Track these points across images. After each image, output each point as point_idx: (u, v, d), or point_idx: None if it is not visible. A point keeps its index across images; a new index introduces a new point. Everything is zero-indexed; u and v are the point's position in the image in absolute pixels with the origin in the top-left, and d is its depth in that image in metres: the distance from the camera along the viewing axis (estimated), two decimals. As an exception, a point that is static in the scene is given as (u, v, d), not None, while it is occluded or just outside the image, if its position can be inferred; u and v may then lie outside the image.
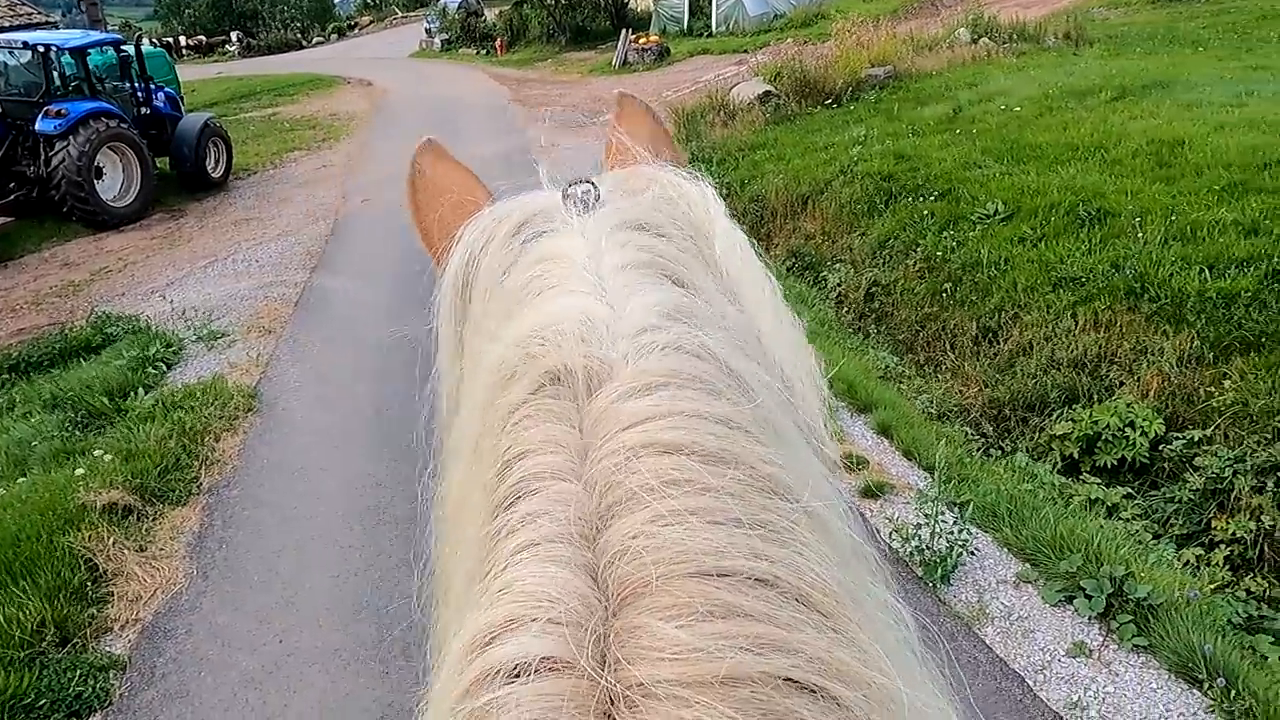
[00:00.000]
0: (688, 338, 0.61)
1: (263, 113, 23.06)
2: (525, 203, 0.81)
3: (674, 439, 0.53)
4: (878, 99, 14.56)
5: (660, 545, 0.48)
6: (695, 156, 12.80)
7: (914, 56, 17.51)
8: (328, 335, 7.38)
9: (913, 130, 11.94)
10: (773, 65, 15.96)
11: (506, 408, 0.61)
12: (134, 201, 12.71)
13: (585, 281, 0.66)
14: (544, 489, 0.54)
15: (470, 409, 0.69)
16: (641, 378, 0.57)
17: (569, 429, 0.57)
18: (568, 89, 24.67)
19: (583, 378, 0.58)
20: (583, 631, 0.47)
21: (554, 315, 0.63)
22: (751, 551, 0.49)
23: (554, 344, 0.61)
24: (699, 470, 0.52)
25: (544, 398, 0.59)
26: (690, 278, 0.70)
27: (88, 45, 12.40)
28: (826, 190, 10.66)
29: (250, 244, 11.00)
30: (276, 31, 43.80)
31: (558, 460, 0.55)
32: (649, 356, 0.59)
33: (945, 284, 7.77)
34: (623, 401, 0.56)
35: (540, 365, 0.60)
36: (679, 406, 0.55)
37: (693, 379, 0.58)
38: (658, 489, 0.50)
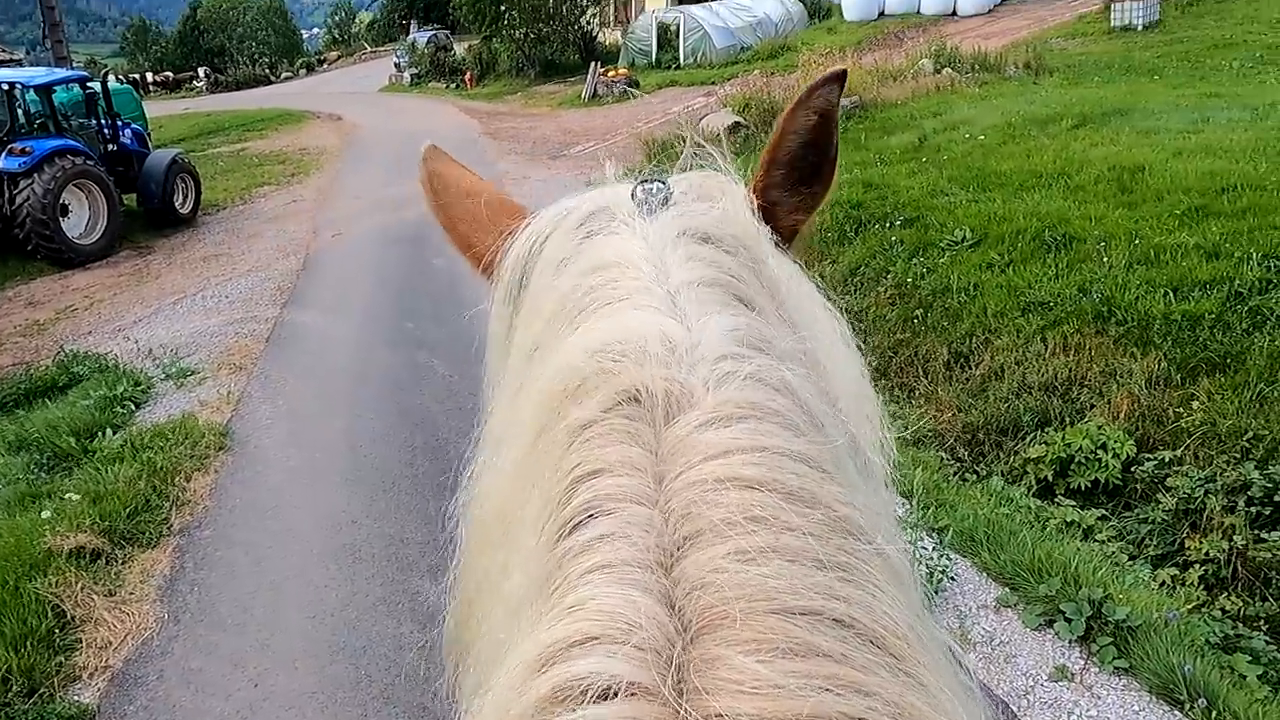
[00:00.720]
0: (768, 370, 0.60)
1: (231, 148, 22.97)
2: (594, 196, 0.81)
3: (757, 475, 0.53)
4: (844, 129, 14.79)
5: (742, 581, 0.48)
6: (667, 187, 12.94)
7: (879, 87, 17.86)
8: (300, 371, 7.30)
9: (880, 159, 12.13)
10: (741, 96, 16.19)
11: (577, 422, 0.60)
12: (100, 239, 12.56)
13: (657, 297, 0.65)
14: (619, 511, 0.53)
15: (528, 411, 0.67)
16: (723, 408, 0.57)
17: (645, 452, 0.56)
18: (538, 122, 24.83)
19: (662, 401, 0.58)
20: (662, 659, 0.47)
21: (630, 330, 0.62)
22: (830, 592, 0.49)
23: (633, 361, 0.60)
24: (781, 508, 0.52)
25: (619, 417, 0.58)
26: (757, 299, 0.70)
27: (53, 83, 12.32)
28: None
29: (220, 280, 10.89)
30: (245, 67, 43.74)
31: (634, 484, 0.54)
32: (729, 386, 0.58)
33: (916, 310, 7.86)
34: (704, 431, 0.55)
35: (617, 383, 0.60)
36: (761, 442, 0.55)
37: (773, 414, 0.57)
38: (740, 524, 0.50)
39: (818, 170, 0.88)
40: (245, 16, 57.58)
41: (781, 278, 0.77)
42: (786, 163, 0.87)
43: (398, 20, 52.46)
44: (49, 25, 26.35)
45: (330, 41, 67.50)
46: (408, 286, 9.53)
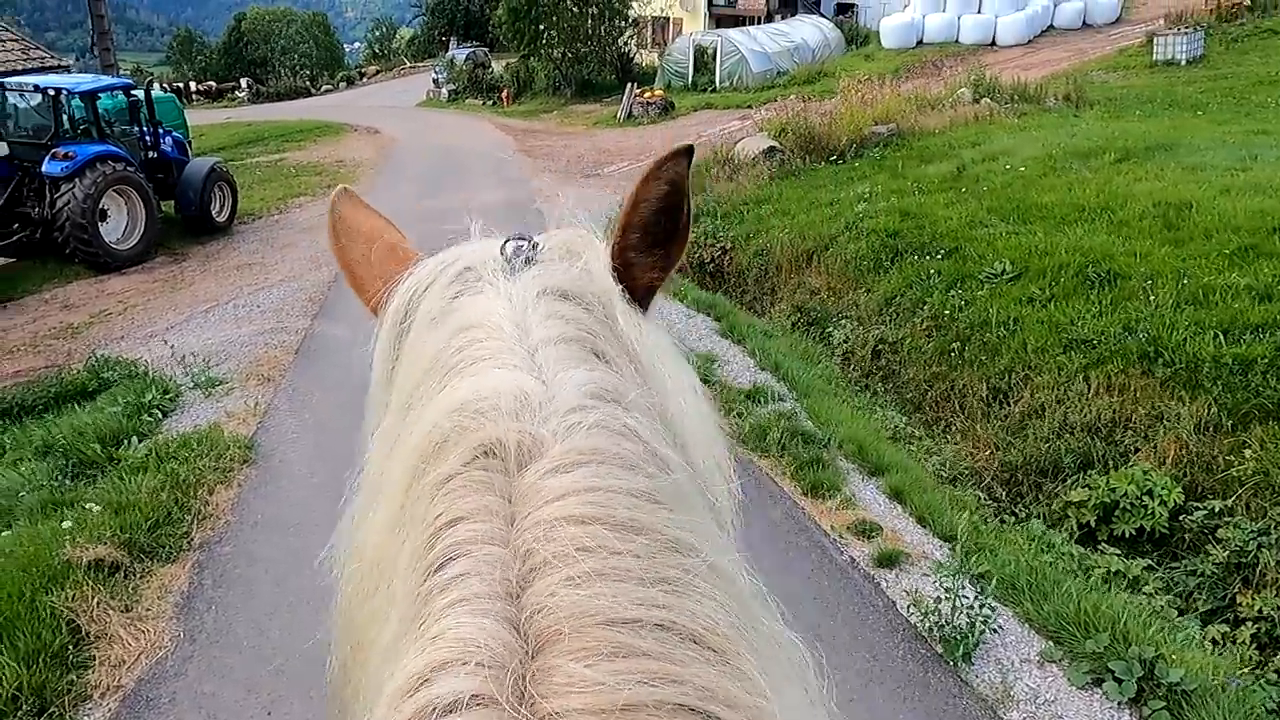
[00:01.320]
0: (612, 419, 0.67)
1: (270, 158, 23.23)
2: (467, 253, 0.85)
3: (588, 512, 0.60)
4: (882, 156, 14.66)
5: (572, 602, 0.55)
6: (700, 211, 12.85)
7: (917, 115, 17.70)
8: (328, 384, 7.24)
9: (918, 188, 11.97)
10: (777, 121, 16.11)
11: (440, 476, 0.65)
12: (137, 244, 12.67)
13: (518, 356, 0.71)
14: (475, 552, 0.59)
15: (398, 467, 0.72)
16: (568, 455, 0.63)
17: (499, 499, 0.62)
18: (573, 140, 24.91)
19: (514, 452, 0.64)
20: (505, 672, 0.53)
21: (488, 389, 0.68)
22: (651, 602, 0.56)
23: (489, 418, 0.66)
24: (608, 537, 0.58)
25: (476, 469, 0.64)
26: (610, 353, 0.75)
27: (98, 89, 12.49)
28: (832, 246, 10.64)
29: (252, 289, 10.92)
30: (285, 79, 44.39)
31: (488, 528, 0.60)
32: (575, 435, 0.64)
33: (953, 343, 7.68)
34: (548, 477, 0.62)
35: (474, 438, 0.65)
36: (596, 483, 0.61)
37: (614, 456, 0.64)
38: (570, 555, 0.57)
39: (671, 234, 0.92)
40: (288, 29, 58.47)
41: (633, 333, 0.81)
42: (641, 227, 0.91)
43: (437, 37, 53.04)
44: (98, 34, 26.90)
45: (371, 56, 68.35)
46: (438, 302, 9.48)
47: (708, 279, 11.73)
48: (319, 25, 64.02)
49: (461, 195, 17.23)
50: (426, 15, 56.15)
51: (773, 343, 7.92)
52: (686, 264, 12.00)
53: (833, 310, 9.59)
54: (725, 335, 8.31)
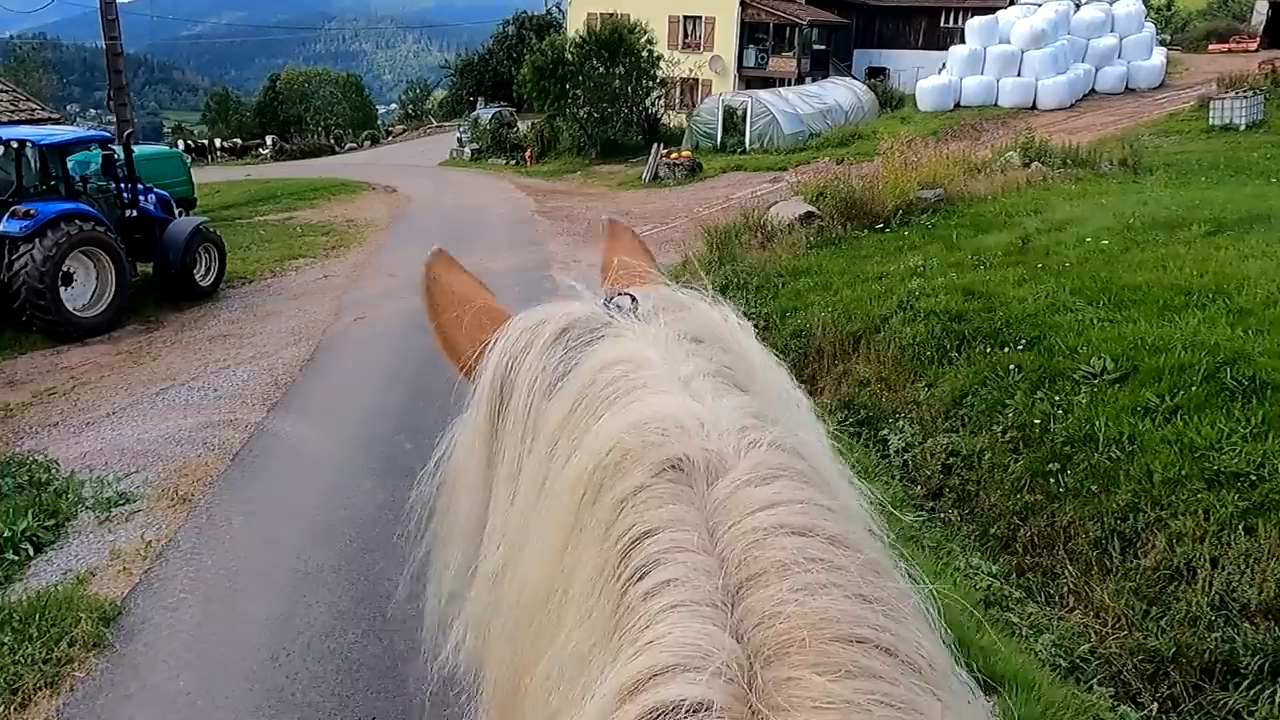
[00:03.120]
0: (784, 437, 0.66)
1: (279, 216, 22.28)
2: (564, 310, 0.82)
3: (803, 523, 0.58)
4: (931, 223, 13.23)
5: (806, 612, 0.53)
6: (729, 282, 11.41)
7: (965, 179, 16.33)
8: (252, 509, 5.77)
9: (979, 261, 10.48)
10: (815, 184, 14.78)
11: (626, 490, 0.63)
12: (105, 311, 11.45)
13: (675, 384, 0.70)
14: (679, 559, 0.57)
15: (561, 494, 0.68)
16: (758, 469, 0.62)
17: (695, 510, 0.60)
18: (595, 202, 23.79)
19: (702, 466, 0.62)
20: (742, 682, 0.52)
21: (662, 410, 0.66)
22: (877, 624, 0.54)
23: (673, 435, 0.64)
24: (829, 550, 0.57)
25: (666, 482, 0.62)
26: (750, 388, 0.74)
27: (67, 142, 11.40)
28: (883, 328, 9.13)
29: (217, 367, 9.60)
30: (311, 137, 44.20)
31: (690, 537, 0.58)
32: (757, 451, 0.63)
33: (1049, 464, 6.09)
34: (745, 489, 0.60)
35: (660, 453, 0.63)
36: (799, 495, 0.60)
37: (799, 473, 0.63)
38: (800, 563, 0.55)
39: None
40: (322, 89, 59.14)
41: (760, 369, 0.80)
42: None
43: (465, 97, 53.03)
44: (114, 89, 26.43)
45: (403, 117, 68.99)
46: (418, 392, 8.05)
47: (737, 362, 10.25)
48: (352, 86, 64.84)
49: (470, 259, 15.88)
50: (456, 76, 56.32)
51: (820, 457, 6.42)
52: (713, 344, 10.54)
53: (887, 408, 8.04)
54: (760, 444, 6.82)
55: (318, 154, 41.04)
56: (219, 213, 23.53)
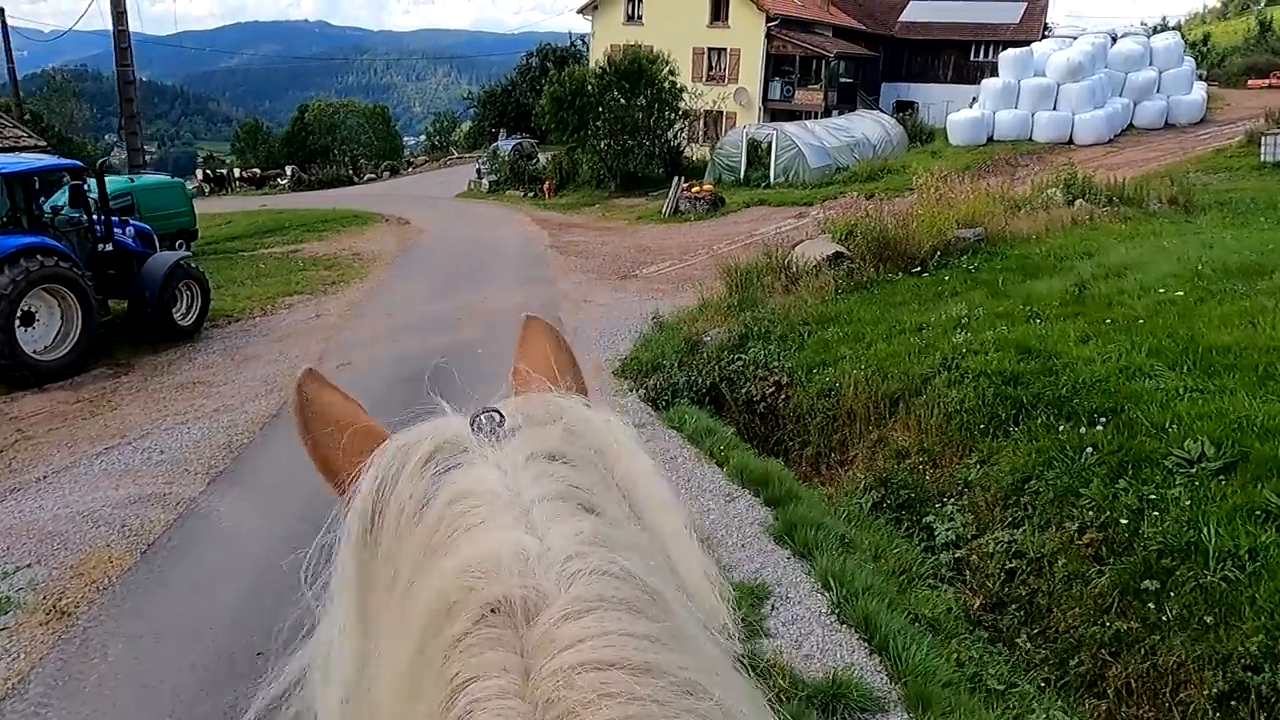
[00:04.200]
0: (608, 563, 0.66)
1: (283, 249, 21.49)
2: (434, 430, 0.80)
3: (605, 656, 0.59)
4: (973, 266, 12.06)
5: None
6: (749, 331, 10.29)
7: (1007, 217, 15.17)
8: (140, 634, 4.65)
9: (1031, 312, 9.30)
10: (843, 221, 13.67)
11: (451, 637, 0.64)
12: (68, 354, 10.54)
13: (511, 515, 0.70)
14: (493, 708, 0.59)
15: (401, 643, 0.69)
16: (574, 604, 0.62)
17: (512, 654, 0.61)
18: (612, 237, 22.82)
19: (520, 607, 0.63)
20: None
21: (488, 550, 0.67)
22: None
23: (492, 577, 0.64)
24: (628, 682, 0.58)
25: (486, 627, 0.63)
26: (601, 505, 0.75)
27: (30, 171, 10.55)
28: (924, 390, 7.96)
29: (175, 421, 8.59)
30: (332, 167, 43.81)
31: (503, 682, 0.60)
32: (578, 583, 0.64)
33: (1144, 579, 4.88)
34: (558, 626, 0.61)
35: (480, 597, 0.64)
36: (608, 627, 0.61)
37: (618, 601, 0.64)
38: (594, 701, 0.57)
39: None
40: (349, 120, 59.26)
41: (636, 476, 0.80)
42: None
43: (487, 129, 52.66)
44: (126, 116, 25.99)
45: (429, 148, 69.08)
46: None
47: (757, 422, 9.10)
48: (378, 116, 64.94)
49: (474, 298, 15.02)
50: (479, 108, 56.05)
51: (854, 565, 5.19)
52: (730, 401, 9.40)
53: (931, 488, 6.85)
54: (783, 541, 5.63)
55: (336, 184, 40.54)
56: (223, 244, 22.83)
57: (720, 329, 10.63)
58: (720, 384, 9.47)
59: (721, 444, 7.44)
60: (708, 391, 9.48)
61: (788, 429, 8.87)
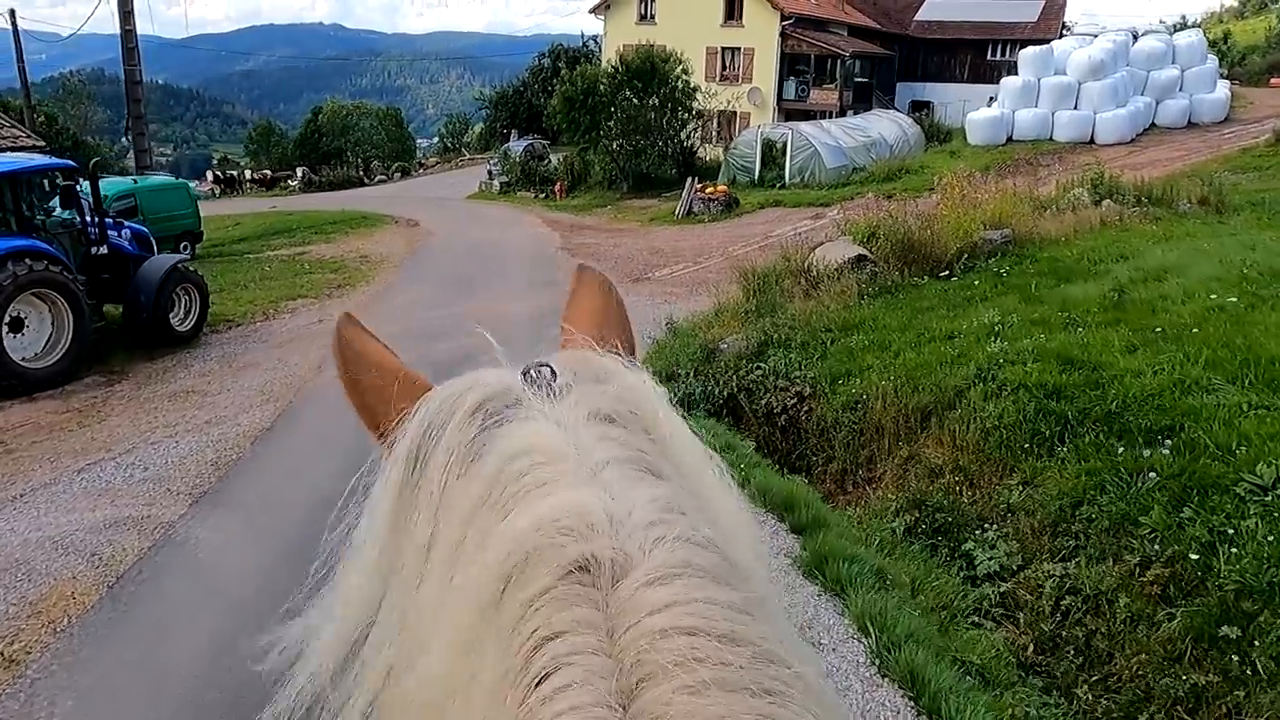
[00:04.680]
0: (691, 532, 0.67)
1: (290, 251, 21.10)
2: (483, 380, 0.79)
3: (693, 623, 0.60)
4: (1002, 270, 11.51)
5: (688, 710, 0.55)
6: (768, 338, 9.77)
7: (1035, 218, 14.60)
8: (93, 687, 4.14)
9: (1069, 319, 8.75)
10: (865, 223, 13.13)
11: (532, 593, 0.63)
12: (60, 360, 10.13)
13: (584, 477, 0.70)
14: (579, 663, 0.59)
15: (468, 594, 0.67)
16: (660, 569, 0.63)
17: (597, 612, 0.61)
18: (624, 238, 22.34)
19: (608, 567, 0.63)
20: None
21: (570, 507, 0.66)
22: (760, 713, 0.56)
23: (579, 534, 0.65)
24: (715, 648, 0.59)
25: (571, 584, 0.63)
26: (665, 472, 0.74)
27: (18, 171, 10.14)
28: (959, 403, 7.43)
29: (163, 434, 8.16)
30: (343, 169, 43.53)
31: (590, 640, 0.60)
32: (662, 548, 0.64)
33: (1220, 624, 4.34)
34: (646, 590, 0.62)
35: (567, 554, 0.64)
36: (694, 594, 0.62)
37: (701, 569, 0.64)
38: (685, 664, 0.57)
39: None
40: (362, 122, 59.14)
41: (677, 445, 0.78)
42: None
43: (499, 129, 52.30)
44: (132, 117, 25.69)
45: (442, 150, 68.90)
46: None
47: (777, 435, 8.58)
48: (392, 118, 64.79)
49: (481, 302, 14.56)
50: (490, 108, 55.70)
51: (893, 606, 4.66)
52: (749, 413, 8.88)
53: (970, 511, 6.33)
54: (813, 575, 5.10)
55: (347, 186, 40.23)
56: (230, 246, 22.49)
57: (738, 336, 10.12)
58: (739, 394, 8.96)
59: (741, 461, 6.92)
60: (725, 402, 8.98)
61: (810, 443, 8.36)
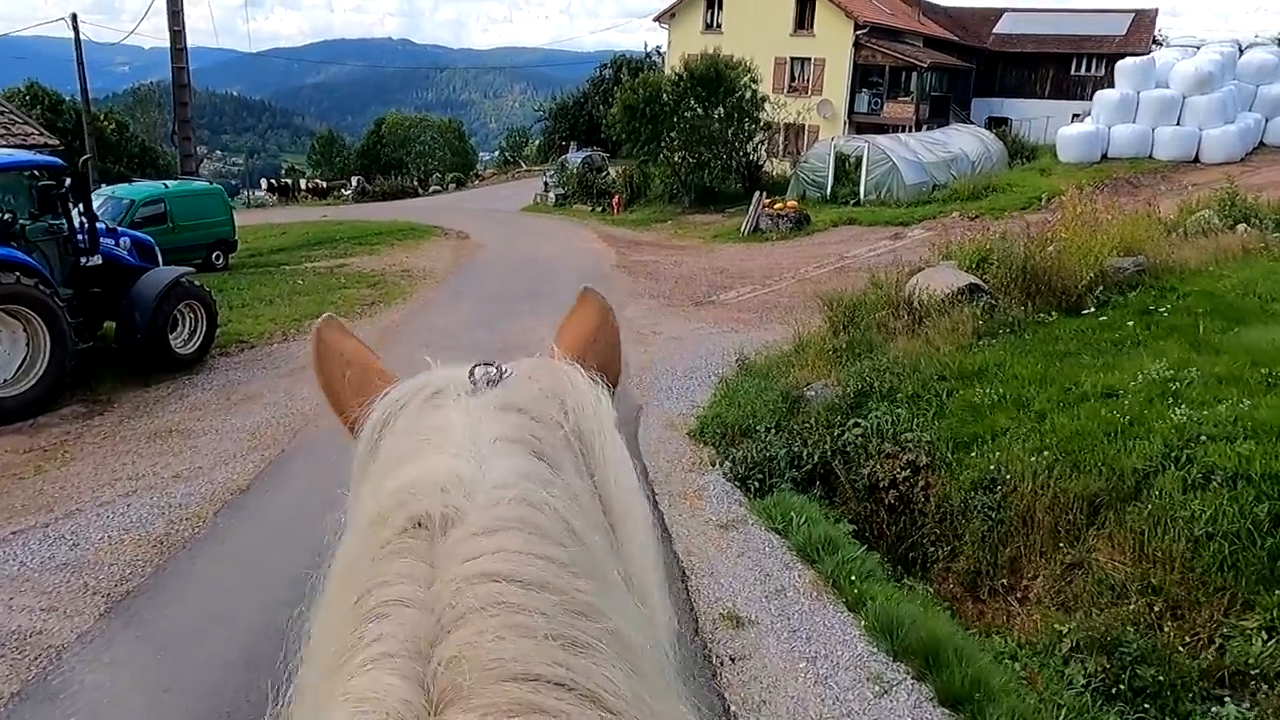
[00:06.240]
0: (533, 493, 0.69)
1: (329, 263, 19.80)
2: (437, 376, 0.85)
3: (499, 569, 0.61)
4: (1149, 306, 9.47)
5: (478, 656, 0.57)
6: (867, 385, 7.88)
7: (1170, 245, 12.49)
8: None
9: (1270, 377, 6.72)
10: (974, 246, 11.17)
11: (375, 545, 0.68)
12: (33, 388, 8.74)
13: (459, 447, 0.73)
14: (392, 613, 0.61)
15: (345, 549, 0.74)
16: (489, 523, 0.65)
17: (421, 563, 0.64)
18: (685, 256, 20.59)
19: (439, 522, 0.66)
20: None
21: (426, 471, 0.71)
22: (554, 660, 0.58)
23: (423, 493, 0.68)
24: (517, 593, 0.60)
25: (405, 538, 0.66)
26: (553, 458, 0.77)
27: None
28: (1144, 494, 5.49)
29: (120, 490, 6.65)
30: (397, 179, 42.74)
31: (407, 589, 0.62)
32: (497, 507, 0.67)
33: None
34: (468, 540, 0.64)
35: (406, 511, 0.68)
36: (510, 544, 0.64)
37: (528, 524, 0.66)
38: (484, 609, 0.59)
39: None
40: (424, 134, 59.01)
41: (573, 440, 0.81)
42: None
43: (557, 142, 51.19)
44: (179, 121, 24.83)
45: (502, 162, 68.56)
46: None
47: (883, 516, 6.71)
48: (453, 131, 64.52)
49: (527, 325, 12.94)
50: (549, 120, 54.70)
51: None
52: (845, 483, 7.03)
53: (1189, 666, 4.39)
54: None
55: (401, 196, 39.28)
56: (267, 256, 21.33)
57: (827, 381, 8.28)
58: (832, 458, 7.12)
59: (850, 570, 5.09)
60: (815, 468, 7.15)
61: (928, 527, 6.47)
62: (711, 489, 6.75)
